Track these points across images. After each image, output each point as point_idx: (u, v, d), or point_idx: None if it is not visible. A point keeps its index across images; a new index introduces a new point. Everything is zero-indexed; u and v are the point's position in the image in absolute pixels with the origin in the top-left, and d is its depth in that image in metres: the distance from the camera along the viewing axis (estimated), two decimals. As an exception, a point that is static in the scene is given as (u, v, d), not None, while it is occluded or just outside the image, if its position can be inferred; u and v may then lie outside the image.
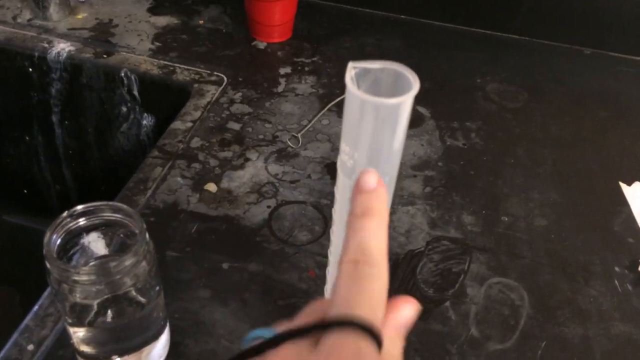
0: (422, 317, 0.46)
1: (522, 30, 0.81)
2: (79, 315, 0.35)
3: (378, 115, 0.25)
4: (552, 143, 0.64)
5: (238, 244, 0.50)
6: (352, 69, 0.26)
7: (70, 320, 0.36)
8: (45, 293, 0.45)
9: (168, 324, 0.41)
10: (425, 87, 0.69)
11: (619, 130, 0.67)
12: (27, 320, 0.43)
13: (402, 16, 0.83)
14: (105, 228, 0.36)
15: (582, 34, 0.79)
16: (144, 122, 0.72)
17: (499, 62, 0.76)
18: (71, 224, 0.34)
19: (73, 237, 0.35)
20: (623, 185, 0.59)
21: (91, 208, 0.35)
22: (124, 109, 0.72)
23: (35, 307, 0.44)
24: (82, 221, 0.35)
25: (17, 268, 0.82)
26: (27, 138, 0.79)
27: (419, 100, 0.66)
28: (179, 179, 0.56)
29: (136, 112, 0.72)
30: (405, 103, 0.25)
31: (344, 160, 0.28)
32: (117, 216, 0.35)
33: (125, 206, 0.35)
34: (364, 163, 0.27)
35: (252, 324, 0.44)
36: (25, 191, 0.86)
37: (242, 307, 0.46)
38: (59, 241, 0.34)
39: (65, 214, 0.34)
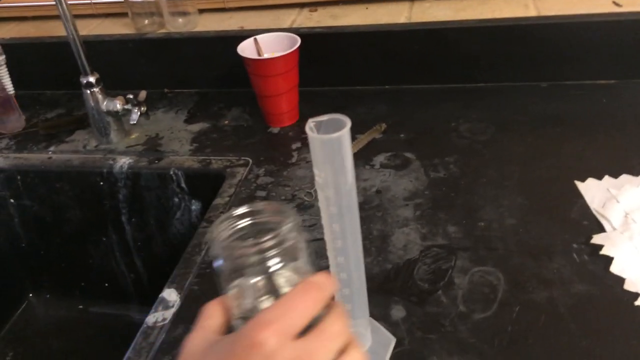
0: (420, 305, 0.59)
1: (485, 78, 0.97)
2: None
3: (328, 146, 0.41)
4: (517, 161, 0.78)
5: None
6: (311, 122, 0.42)
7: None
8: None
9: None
10: (410, 138, 0.86)
11: (573, 141, 0.81)
12: None
13: (386, 86, 1.01)
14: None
15: (538, 71, 0.95)
16: (193, 207, 0.90)
17: (470, 107, 0.92)
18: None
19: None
20: (578, 183, 0.72)
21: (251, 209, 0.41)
22: (176, 199, 0.90)
23: None
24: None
25: (107, 353, 0.97)
26: (104, 239, 0.98)
27: (406, 148, 0.83)
28: (225, 239, 0.72)
29: (186, 200, 0.90)
30: (343, 135, 0.41)
31: (317, 179, 0.44)
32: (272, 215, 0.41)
33: (276, 204, 0.42)
34: (330, 177, 0.43)
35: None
36: (106, 284, 1.03)
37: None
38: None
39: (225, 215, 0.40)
